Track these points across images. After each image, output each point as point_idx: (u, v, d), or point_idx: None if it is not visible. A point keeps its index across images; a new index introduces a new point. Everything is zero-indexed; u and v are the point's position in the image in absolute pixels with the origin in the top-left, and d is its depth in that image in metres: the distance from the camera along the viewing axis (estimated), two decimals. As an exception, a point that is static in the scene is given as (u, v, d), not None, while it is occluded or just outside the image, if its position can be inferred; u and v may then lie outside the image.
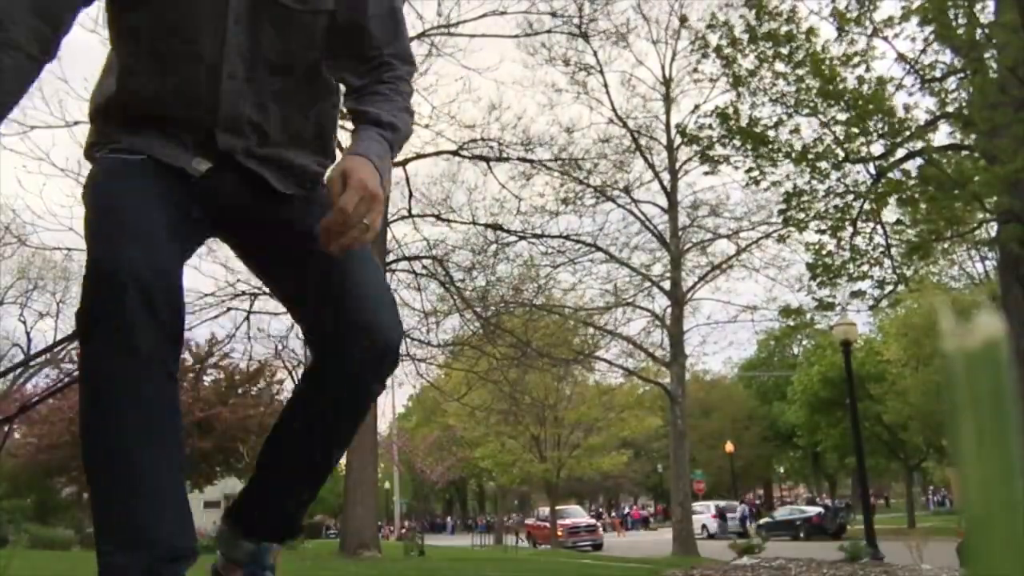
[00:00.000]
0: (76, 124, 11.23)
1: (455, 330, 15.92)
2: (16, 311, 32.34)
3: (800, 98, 10.03)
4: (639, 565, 12.21)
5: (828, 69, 9.55)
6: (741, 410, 46.31)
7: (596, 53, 17.55)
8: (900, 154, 10.16)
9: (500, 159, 14.50)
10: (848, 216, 10.57)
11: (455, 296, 14.62)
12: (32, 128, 11.15)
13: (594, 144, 17.69)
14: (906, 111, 9.70)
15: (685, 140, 12.62)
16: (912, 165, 10.33)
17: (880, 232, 10.81)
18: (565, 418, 26.90)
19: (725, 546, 13.92)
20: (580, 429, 27.79)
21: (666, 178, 19.17)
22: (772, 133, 10.53)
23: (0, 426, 1.82)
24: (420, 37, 13.22)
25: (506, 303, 15.96)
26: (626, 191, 18.48)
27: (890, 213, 10.63)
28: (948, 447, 0.32)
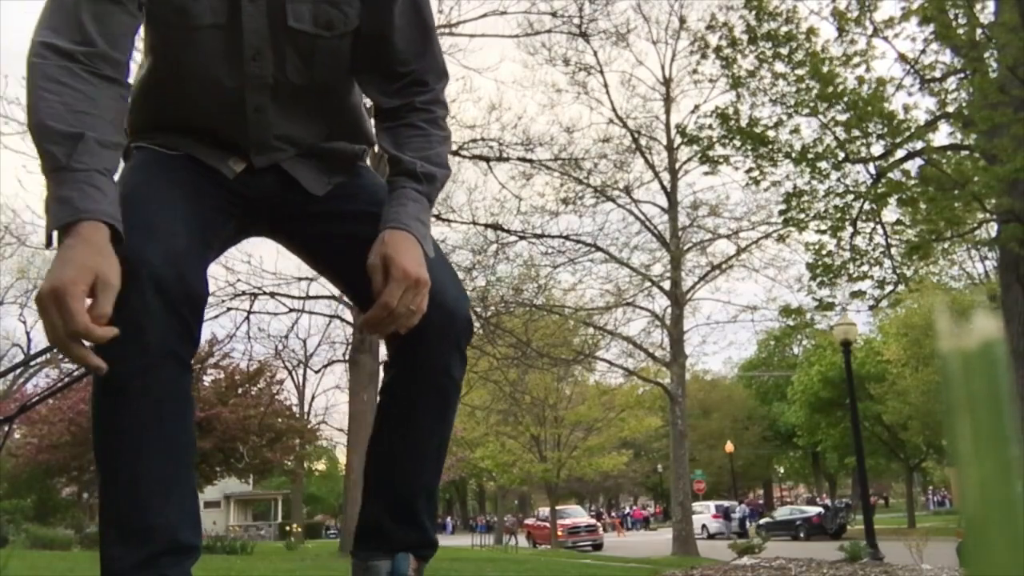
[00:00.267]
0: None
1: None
2: (16, 311, 32.41)
3: (800, 98, 10.03)
4: (639, 565, 12.19)
5: (827, 71, 9.55)
6: (741, 410, 46.34)
7: (596, 53, 17.59)
8: (900, 154, 10.17)
9: (500, 159, 14.48)
10: (848, 216, 10.56)
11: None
12: (32, 128, 11.12)
13: (594, 144, 17.72)
14: (905, 112, 9.70)
15: (685, 140, 12.62)
16: (912, 165, 10.34)
17: (880, 232, 10.82)
18: (565, 418, 26.88)
19: (725, 546, 13.92)
20: (580, 429, 27.77)
21: (666, 178, 19.17)
22: (772, 133, 10.54)
23: (0, 426, 1.79)
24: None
25: (506, 303, 15.96)
26: (626, 191, 18.49)
27: (890, 213, 10.64)
28: (947, 447, 0.32)
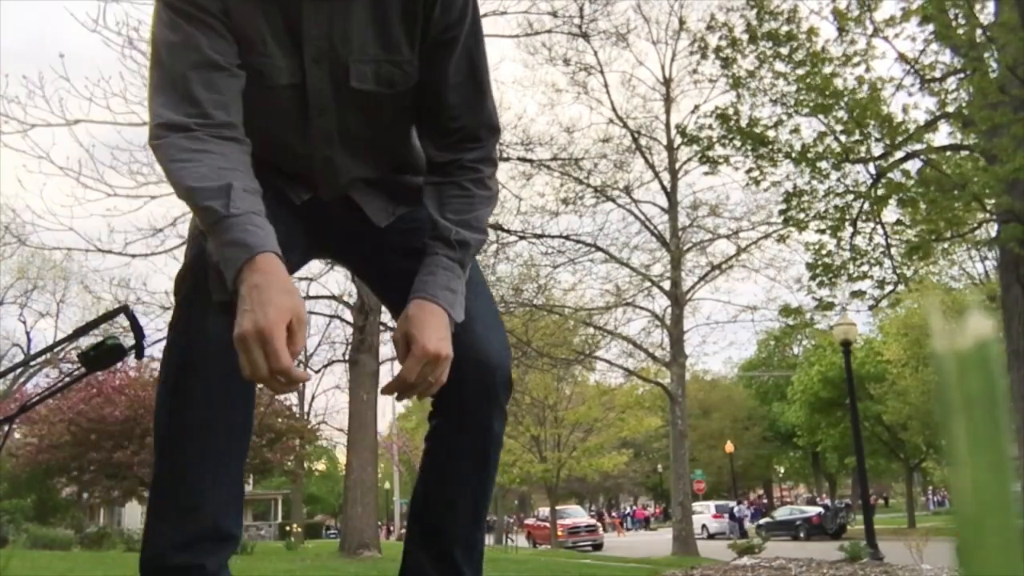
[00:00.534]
0: (77, 123, 11.23)
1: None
2: (16, 311, 32.43)
3: (800, 98, 10.02)
4: (639, 565, 12.21)
5: (823, 80, 9.55)
6: (741, 410, 46.35)
7: (596, 53, 17.59)
8: (900, 155, 10.16)
9: (500, 159, 14.48)
10: (848, 216, 10.56)
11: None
12: (32, 127, 11.13)
13: (594, 144, 17.74)
14: (904, 112, 9.71)
15: (685, 140, 12.61)
16: (912, 165, 10.34)
17: (880, 232, 10.81)
18: (565, 418, 26.89)
19: (725, 546, 13.92)
20: (580, 429, 27.78)
21: (666, 178, 19.17)
22: (772, 133, 10.53)
23: (0, 426, 1.79)
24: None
25: (506, 303, 15.96)
26: (626, 191, 18.49)
27: (890, 213, 10.63)
28: (944, 447, 0.32)
